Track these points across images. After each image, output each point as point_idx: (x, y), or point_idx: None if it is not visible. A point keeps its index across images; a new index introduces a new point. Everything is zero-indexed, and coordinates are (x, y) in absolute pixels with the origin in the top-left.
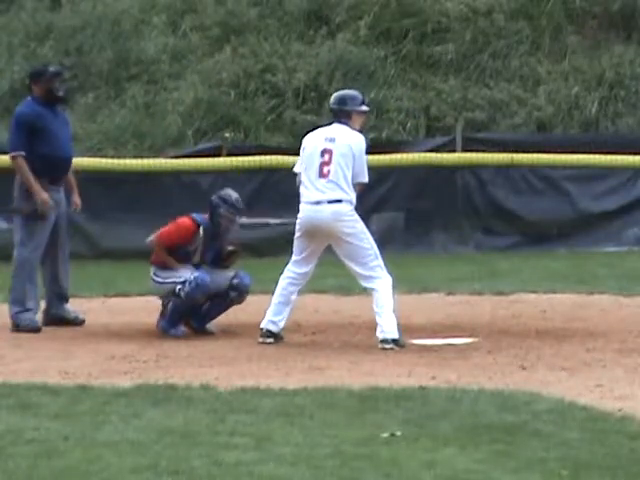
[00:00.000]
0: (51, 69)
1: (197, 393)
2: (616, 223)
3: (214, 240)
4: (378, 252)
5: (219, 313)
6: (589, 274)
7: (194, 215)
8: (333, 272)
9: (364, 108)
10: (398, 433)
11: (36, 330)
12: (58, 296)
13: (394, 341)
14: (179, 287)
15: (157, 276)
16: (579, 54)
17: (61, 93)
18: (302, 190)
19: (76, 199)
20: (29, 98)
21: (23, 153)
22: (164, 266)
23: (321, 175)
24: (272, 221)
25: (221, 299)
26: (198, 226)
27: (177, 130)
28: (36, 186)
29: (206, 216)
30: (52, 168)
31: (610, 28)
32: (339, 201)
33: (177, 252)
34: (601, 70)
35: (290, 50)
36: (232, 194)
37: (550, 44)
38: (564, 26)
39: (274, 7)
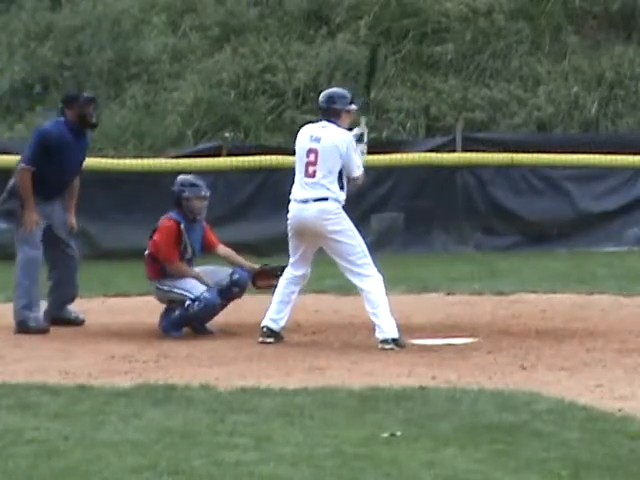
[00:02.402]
0: (85, 95)
1: (197, 393)
2: (616, 223)
3: (195, 230)
4: (367, 251)
5: (224, 306)
6: (589, 274)
7: (169, 215)
8: (332, 272)
9: (353, 107)
10: (398, 433)
11: (44, 331)
12: (58, 299)
13: (394, 341)
14: (188, 303)
15: (163, 285)
16: (579, 54)
17: (94, 119)
18: (293, 188)
19: (72, 220)
20: (61, 119)
21: (33, 169)
22: (165, 275)
23: (307, 175)
24: None
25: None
26: (178, 223)
27: (177, 130)
28: (30, 205)
29: (175, 212)
30: (51, 187)
31: (610, 28)
32: (325, 199)
33: None
34: (601, 70)
35: (290, 50)
36: (186, 176)
37: (550, 44)
38: (564, 26)
39: (274, 7)
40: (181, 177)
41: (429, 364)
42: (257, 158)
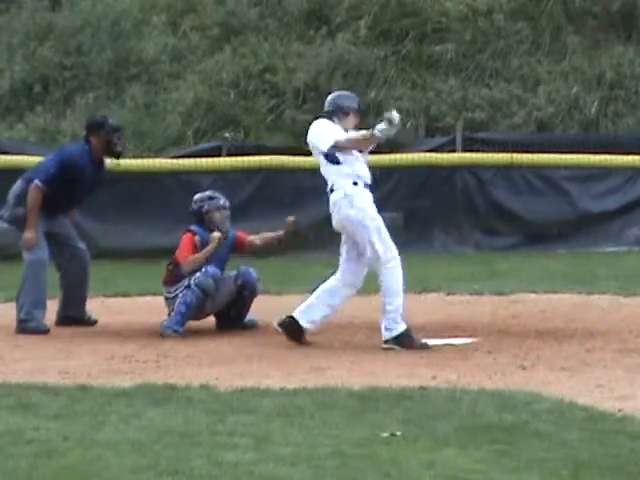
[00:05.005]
0: (110, 122)
1: (197, 393)
2: (616, 223)
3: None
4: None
5: (247, 310)
6: (589, 274)
7: (191, 228)
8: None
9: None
10: (398, 433)
11: (44, 331)
12: (75, 300)
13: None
14: (192, 279)
15: (168, 292)
16: (579, 54)
17: (119, 148)
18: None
19: (73, 217)
20: (87, 148)
21: (45, 189)
22: (175, 280)
23: None
24: None
25: (240, 300)
26: (194, 233)
27: (177, 130)
28: (32, 225)
29: (197, 226)
30: (57, 208)
31: (610, 28)
32: (332, 190)
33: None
34: (601, 70)
35: (290, 50)
36: (204, 192)
37: (550, 44)
38: (564, 26)
39: (274, 7)
40: (198, 195)
41: (429, 364)
42: (257, 158)
